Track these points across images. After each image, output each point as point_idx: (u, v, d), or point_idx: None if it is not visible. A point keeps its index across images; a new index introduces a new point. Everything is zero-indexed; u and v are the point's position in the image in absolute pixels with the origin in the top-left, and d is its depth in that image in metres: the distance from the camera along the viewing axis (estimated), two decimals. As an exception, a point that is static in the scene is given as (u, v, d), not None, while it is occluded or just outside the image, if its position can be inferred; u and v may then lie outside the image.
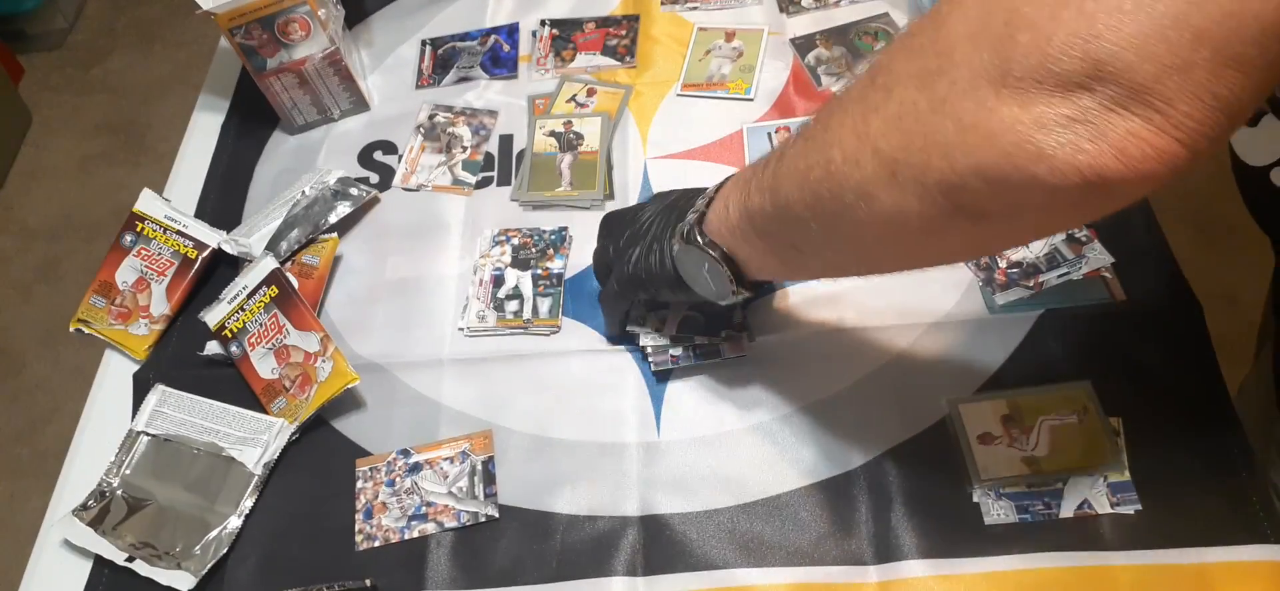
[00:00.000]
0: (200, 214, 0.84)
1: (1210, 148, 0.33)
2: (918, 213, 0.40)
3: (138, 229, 0.80)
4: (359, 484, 0.67)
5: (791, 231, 0.50)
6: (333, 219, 0.80)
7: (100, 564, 0.65)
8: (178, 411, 0.71)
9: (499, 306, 0.74)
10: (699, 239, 0.56)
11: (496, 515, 0.64)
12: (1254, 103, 0.33)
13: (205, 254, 0.79)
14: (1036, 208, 0.38)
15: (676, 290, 0.61)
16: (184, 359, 0.75)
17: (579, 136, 0.84)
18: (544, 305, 0.74)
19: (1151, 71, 0.32)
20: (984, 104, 0.35)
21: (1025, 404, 0.64)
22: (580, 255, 0.77)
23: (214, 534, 0.65)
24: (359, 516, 0.65)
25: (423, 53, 0.95)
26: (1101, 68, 0.32)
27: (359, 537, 0.64)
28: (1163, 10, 0.31)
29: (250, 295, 0.73)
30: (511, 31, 0.95)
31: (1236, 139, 0.63)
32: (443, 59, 0.94)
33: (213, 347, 0.74)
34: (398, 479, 0.66)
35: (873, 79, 0.42)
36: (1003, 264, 0.71)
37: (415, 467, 0.67)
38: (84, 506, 0.67)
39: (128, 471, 0.68)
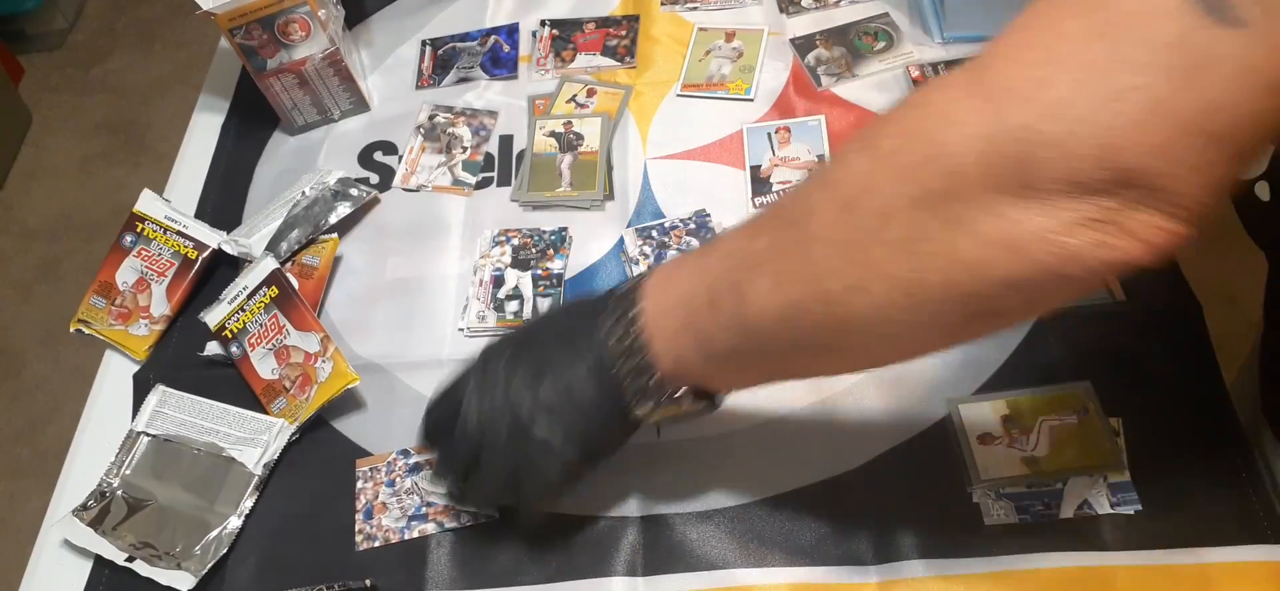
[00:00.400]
0: (200, 214, 0.84)
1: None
2: (937, 325, 0.42)
3: (138, 229, 0.80)
4: (359, 484, 0.67)
5: (776, 362, 0.51)
6: (333, 219, 0.80)
7: (100, 564, 0.65)
8: (178, 412, 0.71)
9: (499, 307, 0.75)
10: (673, 400, 0.53)
11: (497, 515, 0.64)
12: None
13: (205, 254, 0.79)
14: (1060, 297, 0.40)
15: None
16: (184, 359, 0.75)
17: (579, 137, 0.84)
18: (544, 305, 0.74)
19: (1175, 173, 0.34)
20: (1007, 217, 0.37)
21: (1025, 404, 0.64)
22: (580, 255, 0.77)
23: (214, 534, 0.65)
24: (359, 516, 0.65)
25: (423, 53, 0.95)
26: (1128, 175, 0.34)
27: (359, 537, 0.64)
28: (1179, 119, 0.33)
29: (250, 295, 0.73)
30: (511, 32, 0.95)
31: None
32: (443, 59, 0.94)
33: (213, 348, 0.74)
34: (398, 479, 0.66)
35: (851, 206, 0.42)
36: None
37: (416, 468, 0.67)
38: (84, 506, 0.67)
39: (128, 471, 0.68)
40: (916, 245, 0.40)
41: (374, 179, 0.85)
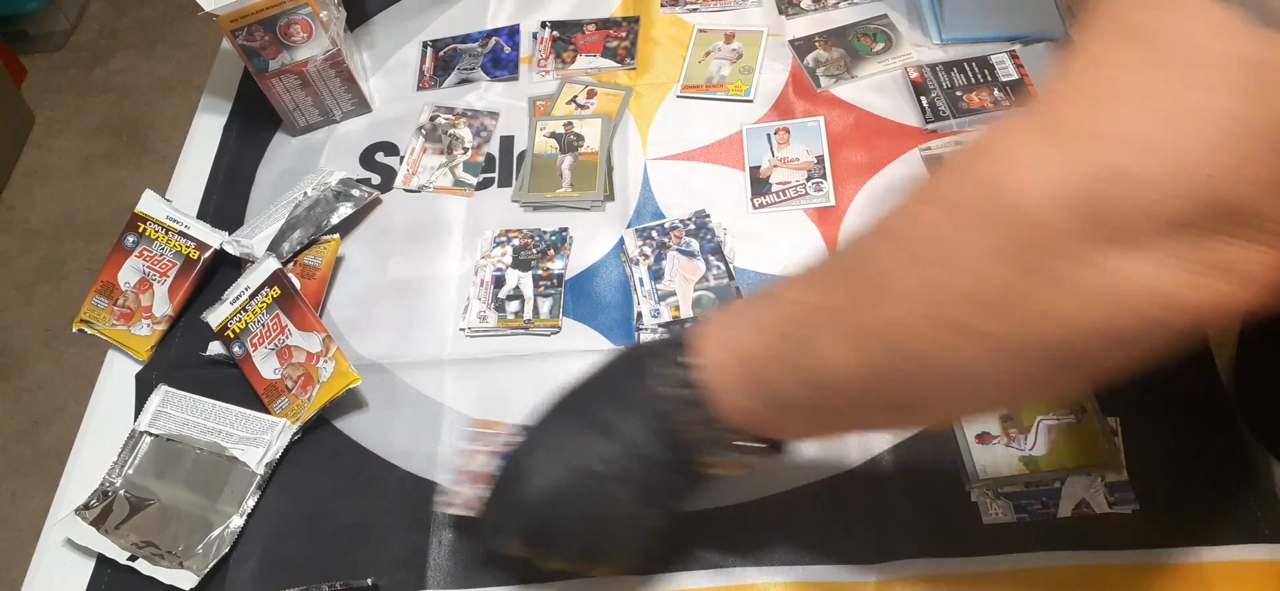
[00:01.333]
0: (202, 215, 0.84)
1: None
2: (1024, 377, 0.40)
3: (140, 230, 0.80)
4: (467, 445, 0.61)
5: (854, 418, 0.50)
6: (334, 220, 0.80)
7: (103, 563, 0.65)
8: (180, 411, 0.71)
9: (500, 307, 0.75)
10: (739, 448, 0.51)
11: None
12: None
13: (207, 254, 0.79)
14: (1156, 349, 0.36)
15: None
16: (186, 359, 0.75)
17: (579, 138, 0.84)
18: (545, 305, 0.74)
19: (1268, 198, 0.32)
20: (1100, 266, 0.34)
21: (1023, 404, 0.64)
22: (581, 256, 0.78)
23: (216, 533, 0.65)
24: (449, 476, 0.61)
25: (424, 54, 0.95)
26: (1226, 208, 0.32)
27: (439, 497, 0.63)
28: (1258, 133, 0.31)
29: (252, 296, 0.73)
30: (512, 33, 0.95)
31: None
32: (444, 61, 0.94)
33: (215, 348, 0.74)
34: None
35: (924, 259, 0.39)
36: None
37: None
38: (86, 506, 0.67)
39: (130, 471, 0.69)
40: (1003, 300, 0.37)
41: (375, 180, 0.86)
